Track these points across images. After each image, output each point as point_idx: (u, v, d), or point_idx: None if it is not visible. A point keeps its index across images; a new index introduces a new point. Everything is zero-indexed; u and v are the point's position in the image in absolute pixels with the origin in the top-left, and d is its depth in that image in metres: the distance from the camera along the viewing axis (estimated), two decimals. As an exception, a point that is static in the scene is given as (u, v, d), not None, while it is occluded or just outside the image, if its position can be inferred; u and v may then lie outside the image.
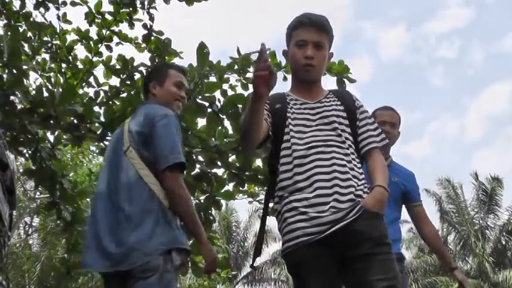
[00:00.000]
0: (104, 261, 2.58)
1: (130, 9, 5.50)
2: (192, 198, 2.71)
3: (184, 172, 2.72)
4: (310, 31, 2.38)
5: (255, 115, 2.08)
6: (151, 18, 5.50)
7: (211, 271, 2.74)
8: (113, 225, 2.60)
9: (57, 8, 5.69)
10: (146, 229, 2.53)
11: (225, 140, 4.49)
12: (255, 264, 2.72)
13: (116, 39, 5.72)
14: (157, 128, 2.64)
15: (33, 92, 4.47)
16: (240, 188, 4.87)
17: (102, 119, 4.49)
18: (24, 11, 5.49)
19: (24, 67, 4.67)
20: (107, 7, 5.56)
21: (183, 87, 2.98)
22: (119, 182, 2.66)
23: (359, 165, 2.33)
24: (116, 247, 2.55)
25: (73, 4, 5.61)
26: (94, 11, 5.58)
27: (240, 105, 4.36)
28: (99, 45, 5.66)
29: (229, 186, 4.84)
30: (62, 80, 5.71)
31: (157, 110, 2.73)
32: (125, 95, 5.18)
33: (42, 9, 5.65)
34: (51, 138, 5.12)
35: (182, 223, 2.67)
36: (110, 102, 5.10)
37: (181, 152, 2.66)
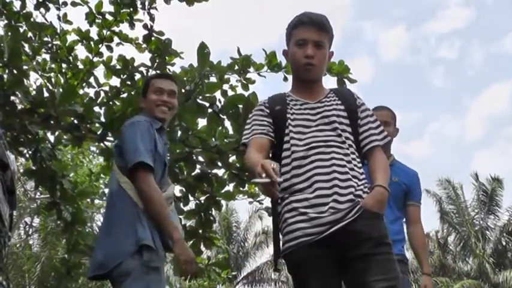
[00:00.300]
0: (91, 267, 2.76)
1: (131, 9, 5.50)
2: (157, 197, 2.68)
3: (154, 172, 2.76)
4: (310, 30, 2.37)
5: None
6: (152, 19, 5.50)
7: (187, 273, 2.64)
8: (100, 232, 2.78)
9: (58, 9, 5.69)
10: (120, 233, 2.63)
11: (225, 140, 4.48)
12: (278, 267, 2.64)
13: (116, 39, 5.72)
14: (123, 136, 2.81)
15: (34, 92, 4.47)
16: (241, 189, 4.87)
17: (102, 119, 4.49)
18: (24, 12, 5.50)
19: (25, 67, 4.68)
20: (108, 7, 5.57)
21: (165, 91, 3.01)
22: (108, 195, 2.86)
23: (359, 165, 2.32)
24: (98, 252, 2.70)
25: (73, 4, 5.62)
26: (94, 12, 5.59)
27: (240, 106, 4.36)
28: (100, 46, 5.66)
29: (230, 187, 4.85)
30: (62, 80, 5.71)
31: (128, 121, 2.91)
32: (125, 95, 5.18)
33: (42, 10, 5.66)
34: (51, 138, 5.12)
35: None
36: (110, 103, 5.09)
37: (146, 153, 2.72)
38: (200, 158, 4.68)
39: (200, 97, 4.33)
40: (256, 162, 2.05)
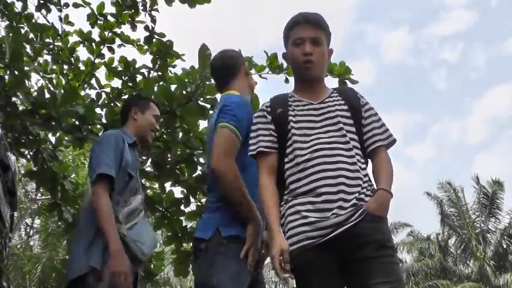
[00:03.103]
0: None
1: (133, 11, 5.49)
2: (102, 208, 2.77)
3: (114, 184, 2.87)
4: (306, 28, 2.38)
5: None
6: (153, 20, 5.50)
7: (116, 285, 2.64)
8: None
9: (59, 10, 5.69)
10: (81, 247, 2.78)
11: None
12: None
13: (118, 41, 5.72)
14: (92, 148, 2.96)
15: (35, 93, 4.47)
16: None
17: (103, 120, 4.49)
18: (26, 13, 5.49)
19: (26, 68, 4.67)
20: (109, 9, 5.56)
21: (158, 121, 3.37)
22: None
23: (364, 166, 2.30)
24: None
25: (75, 6, 5.61)
26: (96, 13, 5.58)
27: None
28: (101, 47, 5.65)
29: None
30: (63, 82, 5.71)
31: (101, 134, 3.06)
32: (126, 96, 5.18)
33: (44, 11, 5.65)
34: (52, 139, 5.11)
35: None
36: (112, 104, 5.09)
37: (105, 164, 2.81)
38: (201, 160, 4.67)
39: (201, 99, 4.32)
40: (271, 229, 2.19)
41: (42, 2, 5.58)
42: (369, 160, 2.39)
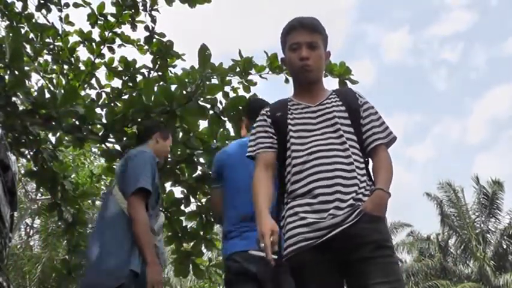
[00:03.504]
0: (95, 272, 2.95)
1: (133, 11, 5.50)
2: (141, 220, 2.94)
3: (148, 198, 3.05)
4: (302, 33, 2.39)
5: None
6: (154, 20, 5.51)
7: None
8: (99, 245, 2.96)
9: (60, 10, 5.70)
10: (123, 252, 2.89)
11: (226, 142, 4.48)
12: None
13: (118, 41, 5.73)
14: (130, 162, 3.09)
15: (35, 93, 4.47)
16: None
17: (104, 120, 4.49)
18: (26, 13, 5.50)
19: (26, 68, 4.67)
20: (109, 9, 5.57)
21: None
22: (103, 217, 3.07)
23: (362, 166, 2.30)
24: (107, 260, 2.89)
25: (75, 6, 5.62)
26: (96, 13, 5.59)
27: (241, 107, 4.35)
28: (102, 47, 5.67)
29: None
30: (63, 82, 5.72)
31: (133, 151, 3.23)
32: (126, 96, 5.18)
33: (44, 11, 5.66)
34: (52, 139, 5.12)
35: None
36: (112, 104, 5.10)
37: (146, 179, 2.99)
38: (201, 160, 4.68)
39: (201, 99, 4.32)
40: (260, 214, 2.17)
41: (42, 2, 5.59)
42: (369, 159, 2.39)
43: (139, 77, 5.43)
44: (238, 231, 2.93)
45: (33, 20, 5.55)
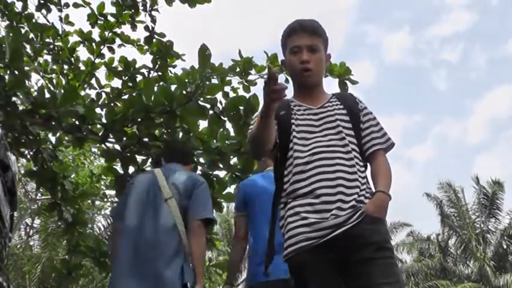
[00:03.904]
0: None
1: (133, 11, 5.51)
2: (204, 250, 3.28)
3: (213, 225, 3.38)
4: (303, 36, 2.40)
5: (269, 126, 2.19)
6: (153, 20, 5.51)
7: None
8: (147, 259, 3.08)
9: (60, 10, 5.71)
10: (177, 267, 3.05)
11: (226, 142, 4.48)
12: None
13: (118, 41, 5.73)
14: (200, 187, 3.31)
15: (35, 93, 4.47)
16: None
17: (103, 120, 4.49)
18: (26, 13, 5.50)
19: (26, 68, 4.67)
20: (109, 9, 5.58)
21: None
22: (158, 224, 3.18)
23: (362, 169, 2.31)
24: (150, 279, 3.01)
25: (75, 6, 5.62)
26: (96, 13, 5.59)
27: (241, 107, 4.36)
28: (101, 47, 5.67)
29: (231, 189, 4.84)
30: (63, 82, 5.72)
31: (198, 176, 3.50)
32: (126, 96, 5.18)
33: (44, 11, 5.67)
34: (52, 139, 5.12)
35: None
36: (112, 104, 5.10)
37: (212, 211, 3.29)
38: (201, 160, 4.68)
39: (201, 99, 4.32)
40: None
41: (42, 2, 5.60)
42: (368, 164, 2.40)
43: (139, 77, 5.44)
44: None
45: (33, 20, 5.56)
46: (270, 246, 2.41)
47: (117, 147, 4.66)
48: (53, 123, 4.23)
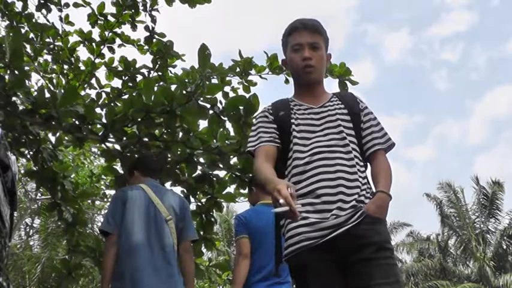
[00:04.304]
0: None
1: (133, 11, 5.50)
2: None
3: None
4: (304, 34, 2.40)
5: None
6: (154, 20, 5.51)
7: None
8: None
9: (60, 10, 5.70)
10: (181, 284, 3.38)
11: (226, 142, 4.48)
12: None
13: (118, 41, 5.73)
14: (188, 210, 3.70)
15: (35, 93, 4.46)
16: (241, 191, 4.86)
17: (103, 120, 4.49)
18: (26, 12, 5.50)
19: (26, 68, 4.68)
20: (110, 9, 5.57)
21: None
22: (164, 243, 3.37)
23: (362, 169, 2.31)
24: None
25: (75, 6, 5.62)
26: (96, 13, 5.59)
27: (241, 107, 4.36)
28: (102, 47, 5.67)
29: (231, 188, 4.84)
30: (63, 82, 5.72)
31: (182, 197, 3.83)
32: (126, 96, 5.18)
33: (44, 11, 5.66)
34: (52, 139, 5.11)
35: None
36: (112, 104, 5.10)
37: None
38: (201, 160, 4.68)
39: (201, 99, 4.32)
40: (270, 181, 2.07)
41: (42, 1, 5.59)
42: (368, 164, 2.40)
43: (139, 77, 5.44)
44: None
45: (33, 20, 5.56)
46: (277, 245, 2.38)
47: (117, 147, 4.67)
48: (53, 123, 4.23)
